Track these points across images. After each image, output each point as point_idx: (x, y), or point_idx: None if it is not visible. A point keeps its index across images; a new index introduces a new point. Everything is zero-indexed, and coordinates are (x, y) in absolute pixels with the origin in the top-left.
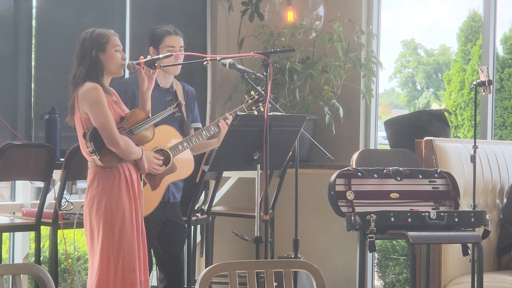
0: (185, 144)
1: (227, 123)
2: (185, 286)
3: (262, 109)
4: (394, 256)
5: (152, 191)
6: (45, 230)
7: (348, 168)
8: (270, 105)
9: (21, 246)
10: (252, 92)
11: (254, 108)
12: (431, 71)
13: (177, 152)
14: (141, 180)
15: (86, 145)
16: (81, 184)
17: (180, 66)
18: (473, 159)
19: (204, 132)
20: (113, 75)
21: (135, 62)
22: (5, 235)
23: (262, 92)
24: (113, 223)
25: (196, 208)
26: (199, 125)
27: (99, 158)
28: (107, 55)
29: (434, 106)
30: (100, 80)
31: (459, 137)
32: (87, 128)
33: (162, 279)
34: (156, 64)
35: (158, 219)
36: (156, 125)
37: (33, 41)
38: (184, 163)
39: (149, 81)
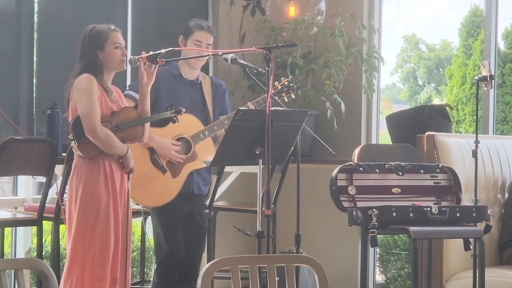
0: (206, 133)
1: None
2: None
3: (291, 97)
4: (396, 251)
5: (173, 178)
6: (47, 225)
7: (350, 163)
8: (272, 100)
9: (23, 241)
10: (283, 78)
11: (284, 95)
12: (432, 66)
13: (198, 141)
14: (128, 180)
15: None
16: None
17: (201, 62)
18: (474, 154)
19: (226, 121)
20: (115, 70)
21: (136, 57)
22: (7, 230)
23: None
24: (87, 215)
25: None
26: None
27: (77, 146)
28: (106, 53)
29: (436, 101)
30: (99, 78)
31: (460, 132)
32: (73, 117)
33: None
34: (157, 59)
35: (182, 211)
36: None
37: (35, 36)
38: (206, 152)
39: (148, 77)
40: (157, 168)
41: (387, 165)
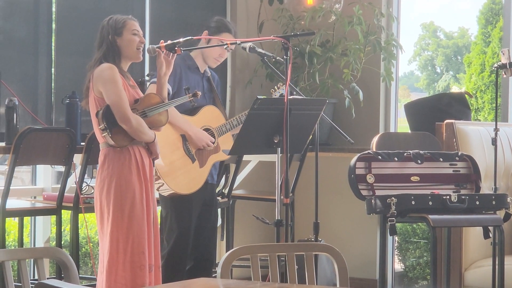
0: (228, 126)
1: None
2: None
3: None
4: (415, 240)
5: (200, 168)
6: (66, 214)
7: (368, 151)
8: (290, 89)
9: (42, 230)
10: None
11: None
12: (450, 54)
13: (222, 133)
14: (153, 165)
15: (98, 124)
16: None
17: (219, 60)
18: (494, 141)
19: (244, 117)
20: (131, 60)
21: (155, 46)
22: (26, 219)
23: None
24: (123, 205)
25: (216, 191)
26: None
27: (110, 136)
28: (124, 39)
29: (454, 89)
30: (117, 64)
31: (479, 120)
32: (100, 107)
33: (189, 261)
34: (176, 48)
35: (197, 200)
36: (202, 105)
37: (54, 26)
38: (226, 144)
39: (167, 66)
40: (188, 156)
41: (405, 154)
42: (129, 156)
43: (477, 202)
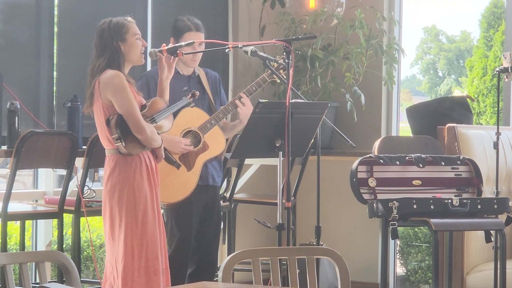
0: (213, 122)
1: (242, 102)
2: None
3: (284, 76)
4: (416, 243)
5: (188, 172)
6: (67, 218)
7: (370, 155)
8: (291, 93)
9: (43, 234)
10: (272, 62)
11: (275, 77)
12: (452, 58)
13: (206, 131)
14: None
15: (109, 132)
16: (103, 172)
17: (198, 60)
18: (496, 145)
19: (230, 107)
20: (133, 64)
21: (157, 49)
22: (28, 223)
23: (279, 61)
24: (136, 211)
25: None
26: None
27: (124, 145)
28: (128, 44)
29: (456, 92)
30: (121, 69)
31: (481, 124)
32: (110, 115)
33: (191, 265)
34: (178, 52)
35: (198, 203)
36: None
37: (55, 29)
38: (215, 140)
39: (169, 70)
40: (171, 164)
41: (407, 157)
42: (140, 162)
43: (479, 206)
